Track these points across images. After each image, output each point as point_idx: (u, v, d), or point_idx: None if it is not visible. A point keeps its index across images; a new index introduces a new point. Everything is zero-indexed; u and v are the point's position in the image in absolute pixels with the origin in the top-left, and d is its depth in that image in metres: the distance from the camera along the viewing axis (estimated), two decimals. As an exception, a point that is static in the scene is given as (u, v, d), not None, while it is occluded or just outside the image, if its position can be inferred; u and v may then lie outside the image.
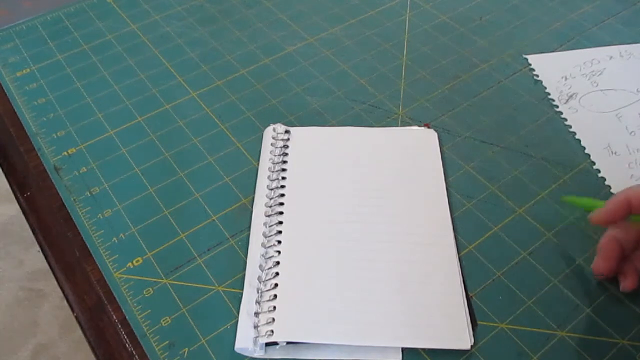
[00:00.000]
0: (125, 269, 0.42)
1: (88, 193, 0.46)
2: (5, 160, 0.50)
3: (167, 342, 0.38)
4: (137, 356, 0.38)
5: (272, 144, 0.48)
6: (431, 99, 0.53)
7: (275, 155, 0.47)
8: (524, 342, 0.37)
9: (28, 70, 0.57)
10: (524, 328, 0.38)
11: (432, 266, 0.40)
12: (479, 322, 0.38)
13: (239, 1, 0.64)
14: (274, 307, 0.38)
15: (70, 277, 0.42)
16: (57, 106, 0.53)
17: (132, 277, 0.41)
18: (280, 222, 0.43)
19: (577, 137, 0.49)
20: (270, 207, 0.44)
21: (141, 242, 0.43)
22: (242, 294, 0.40)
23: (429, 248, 0.41)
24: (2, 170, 0.50)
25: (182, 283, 0.41)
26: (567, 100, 0.52)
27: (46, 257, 0.44)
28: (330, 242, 0.42)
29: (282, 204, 0.44)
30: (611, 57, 0.55)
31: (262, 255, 0.41)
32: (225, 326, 0.38)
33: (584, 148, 0.48)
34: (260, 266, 0.40)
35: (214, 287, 0.40)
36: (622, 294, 0.39)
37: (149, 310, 0.39)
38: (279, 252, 0.41)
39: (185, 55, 0.58)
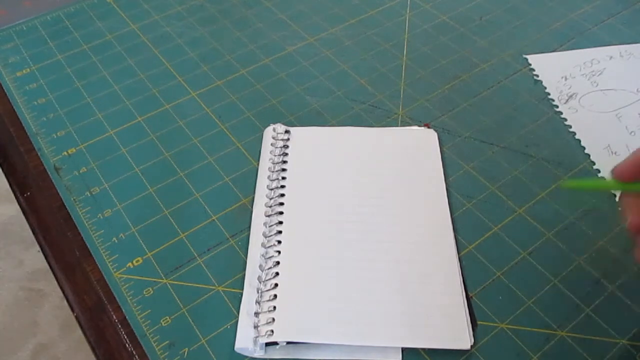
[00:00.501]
0: (125, 269, 0.42)
1: (88, 193, 0.46)
2: (5, 160, 0.50)
3: (167, 342, 0.38)
4: (137, 356, 0.38)
5: (272, 144, 0.48)
6: (431, 99, 0.53)
7: (275, 155, 0.47)
8: (524, 342, 0.37)
9: (28, 70, 0.57)
10: (524, 328, 0.38)
11: (432, 266, 0.40)
12: (479, 322, 0.38)
13: (239, 1, 0.64)
14: (274, 307, 0.38)
15: (70, 277, 0.42)
16: (57, 106, 0.53)
17: (132, 277, 0.41)
18: (280, 222, 0.43)
19: (577, 137, 0.49)
20: (270, 207, 0.44)
21: (141, 242, 0.43)
22: (242, 294, 0.40)
23: (429, 248, 0.41)
24: (2, 170, 0.50)
25: (182, 283, 0.41)
26: (567, 100, 0.52)
27: (46, 257, 0.44)
28: (330, 242, 0.42)
29: (282, 204, 0.44)
30: (611, 57, 0.55)
31: (262, 255, 0.41)
32: (225, 326, 0.38)
33: (584, 148, 0.48)
34: (260, 266, 0.40)
35: (214, 287, 0.40)
36: (622, 294, 0.39)
37: (149, 310, 0.39)
38: (279, 252, 0.41)
39: (185, 55, 0.58)
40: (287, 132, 0.49)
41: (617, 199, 0.45)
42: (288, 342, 0.37)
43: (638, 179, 0.34)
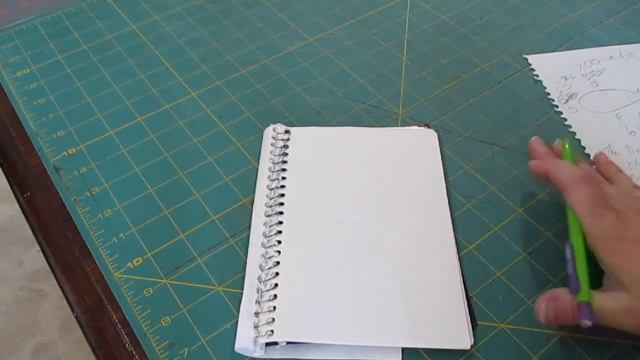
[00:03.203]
0: (125, 269, 0.42)
1: (88, 193, 0.46)
2: (5, 160, 0.50)
3: (167, 342, 0.38)
4: (137, 356, 0.38)
5: (272, 144, 0.48)
6: (431, 99, 0.53)
7: (275, 155, 0.47)
8: (524, 342, 0.37)
9: (28, 70, 0.57)
10: (524, 328, 0.38)
11: (432, 266, 0.40)
12: (479, 322, 0.38)
13: (239, 1, 0.64)
14: (274, 307, 0.38)
15: (70, 277, 0.42)
16: (57, 106, 0.53)
17: (132, 277, 0.41)
18: (280, 222, 0.43)
19: (577, 137, 0.49)
20: (270, 207, 0.44)
21: (141, 242, 0.43)
22: (242, 294, 0.40)
23: (429, 248, 0.41)
24: (2, 170, 0.50)
25: (182, 283, 0.41)
26: (567, 100, 0.52)
27: (46, 257, 0.44)
28: (330, 241, 0.42)
29: (282, 204, 0.44)
30: (611, 57, 0.55)
31: (262, 255, 0.41)
32: (225, 326, 0.38)
33: (584, 148, 0.48)
34: (260, 266, 0.40)
35: (214, 287, 0.40)
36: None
37: (149, 310, 0.39)
38: (279, 252, 0.41)
39: (185, 55, 0.58)
40: (287, 132, 0.49)
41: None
42: (288, 342, 0.37)
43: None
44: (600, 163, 0.43)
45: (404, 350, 0.37)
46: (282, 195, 0.44)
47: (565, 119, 0.50)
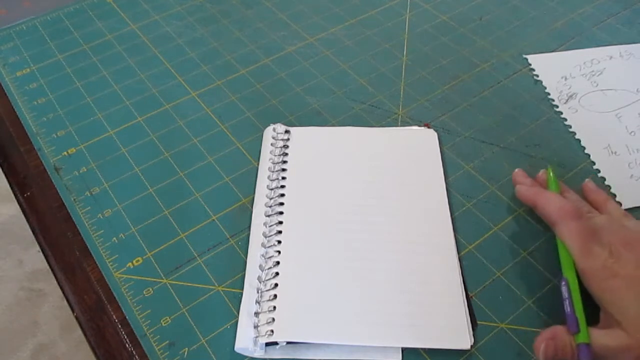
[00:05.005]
0: (125, 269, 0.42)
1: (88, 193, 0.46)
2: (5, 160, 0.50)
3: (167, 342, 0.38)
4: (137, 356, 0.38)
5: (272, 144, 0.48)
6: (431, 99, 0.53)
7: (275, 155, 0.47)
8: (524, 342, 0.37)
9: (28, 70, 0.57)
10: (524, 328, 0.38)
11: (432, 266, 0.40)
12: (479, 322, 0.38)
13: (239, 1, 0.64)
14: (274, 307, 0.38)
15: (70, 277, 0.42)
16: (57, 106, 0.53)
17: (132, 277, 0.41)
18: (280, 222, 0.43)
19: (577, 137, 0.49)
20: (270, 207, 0.44)
21: (141, 242, 0.43)
22: (242, 294, 0.40)
23: (429, 248, 0.41)
24: (2, 170, 0.50)
25: (182, 283, 0.41)
26: (567, 100, 0.52)
27: (46, 257, 0.44)
28: (330, 242, 0.42)
29: (282, 204, 0.44)
30: (611, 57, 0.55)
31: (262, 255, 0.41)
32: (225, 326, 0.38)
33: (584, 148, 0.48)
34: (260, 266, 0.40)
35: (214, 287, 0.40)
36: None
37: (149, 310, 0.39)
38: (279, 252, 0.41)
39: (185, 55, 0.58)
40: (287, 132, 0.49)
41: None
42: (288, 342, 0.37)
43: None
44: (589, 192, 0.43)
45: (404, 350, 0.37)
46: (282, 195, 0.44)
47: (565, 119, 0.50)
